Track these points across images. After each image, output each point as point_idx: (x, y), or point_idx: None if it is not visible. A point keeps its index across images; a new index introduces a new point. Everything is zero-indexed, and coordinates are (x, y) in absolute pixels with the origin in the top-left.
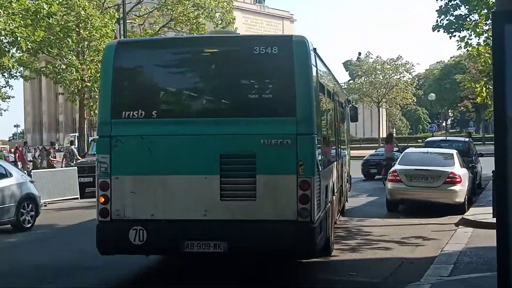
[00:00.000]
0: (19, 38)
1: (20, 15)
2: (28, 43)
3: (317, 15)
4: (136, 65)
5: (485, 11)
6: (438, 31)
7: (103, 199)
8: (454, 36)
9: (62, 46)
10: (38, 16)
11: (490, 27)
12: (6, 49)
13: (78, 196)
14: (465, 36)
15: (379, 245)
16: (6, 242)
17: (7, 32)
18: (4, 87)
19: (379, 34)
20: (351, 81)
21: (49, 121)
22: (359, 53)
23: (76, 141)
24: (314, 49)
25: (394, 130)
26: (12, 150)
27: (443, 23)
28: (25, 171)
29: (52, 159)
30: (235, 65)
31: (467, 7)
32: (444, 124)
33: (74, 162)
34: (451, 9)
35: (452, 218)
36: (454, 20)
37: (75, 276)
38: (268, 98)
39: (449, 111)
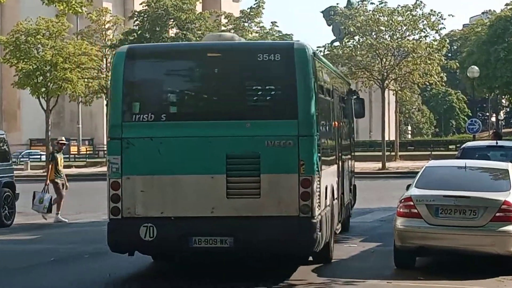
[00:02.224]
0: None
1: None
2: None
3: None
4: (145, 70)
5: None
6: None
7: (114, 198)
8: None
9: None
10: None
11: None
12: None
13: None
14: None
15: None
16: None
17: None
18: None
19: None
20: (336, 43)
21: None
22: None
23: None
24: (314, 53)
25: (409, 128)
26: None
27: None
28: None
29: None
30: (240, 71)
31: None
32: (493, 119)
33: None
34: None
35: (505, 281)
36: None
37: None
38: (271, 102)
39: (503, 97)
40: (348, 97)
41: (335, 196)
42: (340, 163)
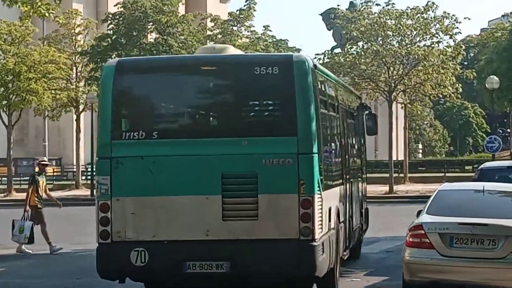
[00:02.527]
0: None
1: None
2: None
3: None
4: (136, 85)
5: None
6: None
7: (103, 221)
8: None
9: None
10: None
11: None
12: None
13: None
14: None
15: None
16: None
17: None
18: None
19: None
20: (338, 50)
21: None
22: None
23: None
24: (315, 66)
25: (420, 146)
26: None
27: None
28: None
29: None
30: (236, 85)
31: None
32: None
33: None
34: None
35: None
36: None
37: None
38: (269, 118)
39: None
40: (358, 113)
41: (341, 219)
42: (347, 184)
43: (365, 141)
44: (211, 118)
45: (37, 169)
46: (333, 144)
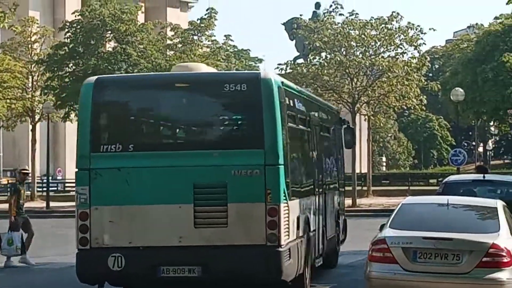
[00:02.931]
0: None
1: None
2: None
3: None
4: (113, 100)
5: None
6: None
7: (82, 229)
8: None
9: None
10: None
11: None
12: None
13: None
14: None
15: None
16: None
17: None
18: None
19: None
20: (300, 60)
21: None
22: (317, 4)
23: None
24: (282, 83)
25: (384, 159)
26: None
27: None
28: None
29: None
30: (207, 101)
31: None
32: (481, 149)
33: None
34: None
35: None
36: None
37: None
38: (238, 131)
39: (491, 124)
40: (335, 127)
41: (312, 228)
42: (320, 195)
43: (343, 155)
44: (184, 132)
45: (17, 178)
46: (302, 156)
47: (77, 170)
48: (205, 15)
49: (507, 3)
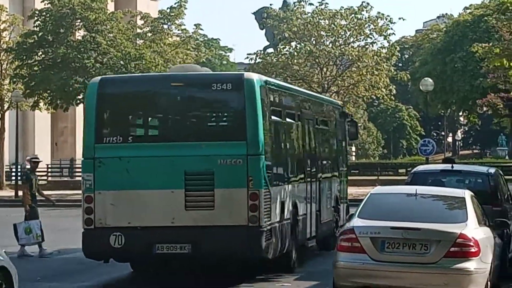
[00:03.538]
0: None
1: None
2: None
3: None
4: (115, 98)
5: None
6: None
7: (87, 211)
8: None
9: None
10: None
11: None
12: None
13: None
14: None
15: None
16: None
17: None
18: None
19: None
20: (270, 50)
21: None
22: None
23: None
24: (266, 81)
25: (353, 149)
26: None
27: None
28: None
29: None
30: (197, 98)
31: None
32: (450, 139)
33: None
34: None
35: None
36: None
37: None
38: (224, 125)
39: (460, 114)
40: (334, 120)
41: (301, 212)
42: (312, 183)
43: (346, 146)
44: (176, 125)
45: (29, 166)
46: (290, 147)
47: (83, 159)
48: (175, 4)
49: None
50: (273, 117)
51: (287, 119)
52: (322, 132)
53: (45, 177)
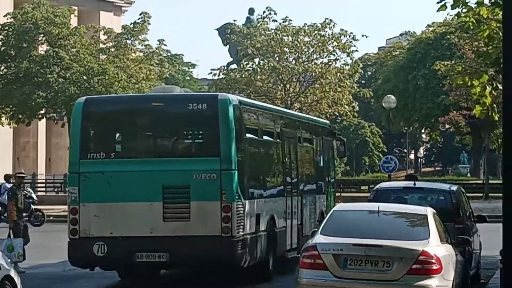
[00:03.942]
0: None
1: None
2: None
3: None
4: (99, 117)
5: None
6: None
7: (73, 221)
8: None
9: None
10: None
11: None
12: None
13: None
14: None
15: None
16: None
17: None
18: None
19: None
20: (234, 66)
21: None
22: (251, 10)
23: None
24: (240, 102)
25: None
26: None
27: None
28: None
29: None
30: (174, 117)
31: None
32: (412, 156)
33: None
34: None
35: None
36: None
37: None
38: (199, 142)
39: (423, 131)
40: (320, 139)
41: (279, 225)
42: (293, 197)
43: (333, 163)
44: (155, 142)
45: (13, 182)
46: (267, 164)
47: (68, 173)
48: (138, 19)
49: (437, 10)
50: (248, 135)
51: (265, 137)
52: (306, 150)
53: None
